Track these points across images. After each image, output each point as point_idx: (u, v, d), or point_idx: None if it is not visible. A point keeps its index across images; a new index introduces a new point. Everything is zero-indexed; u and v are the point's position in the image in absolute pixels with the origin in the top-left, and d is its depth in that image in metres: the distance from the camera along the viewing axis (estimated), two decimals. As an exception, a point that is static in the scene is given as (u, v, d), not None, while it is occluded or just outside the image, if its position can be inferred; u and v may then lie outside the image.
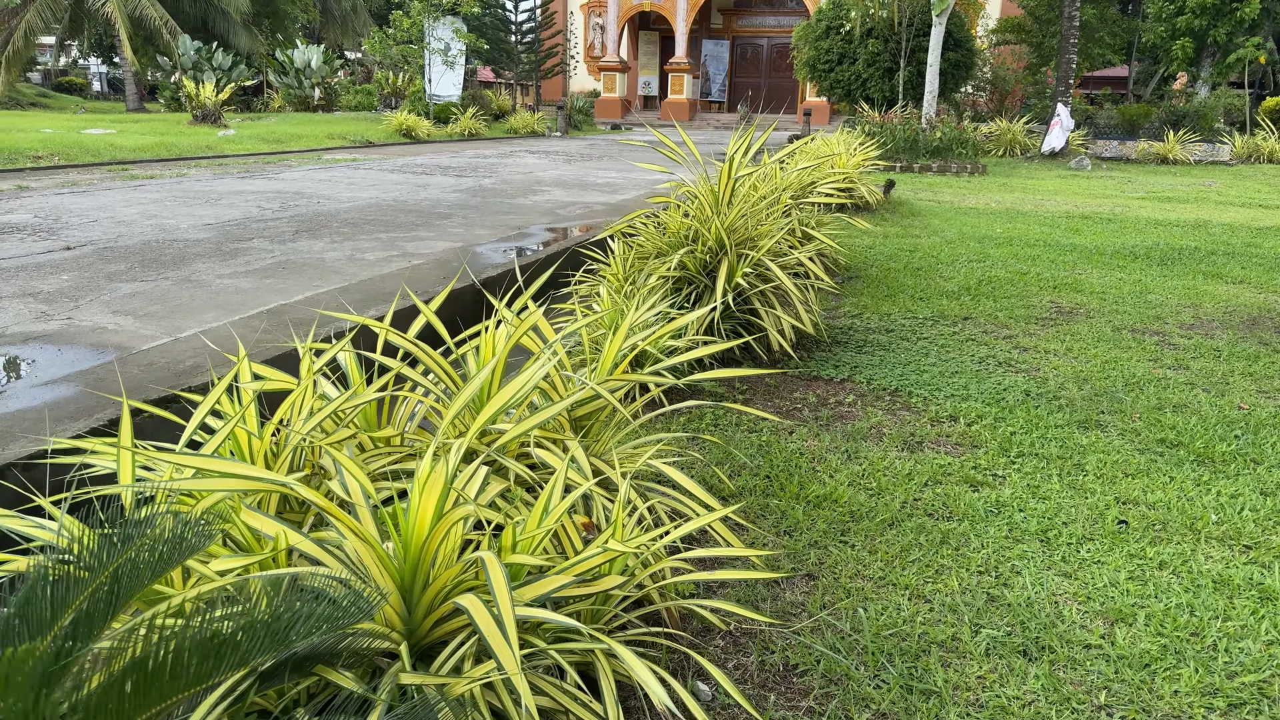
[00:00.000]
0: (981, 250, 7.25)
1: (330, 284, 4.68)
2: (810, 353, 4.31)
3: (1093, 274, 6.44)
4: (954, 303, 5.41)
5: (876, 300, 5.45)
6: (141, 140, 13.74)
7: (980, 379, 3.96)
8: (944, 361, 4.22)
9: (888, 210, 9.48)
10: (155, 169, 10.82)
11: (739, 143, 4.14)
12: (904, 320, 4.99)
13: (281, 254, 5.41)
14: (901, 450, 3.16)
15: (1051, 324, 5.00)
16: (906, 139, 14.99)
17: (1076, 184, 13.74)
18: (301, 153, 14.40)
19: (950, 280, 6.04)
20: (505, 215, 7.57)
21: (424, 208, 7.78)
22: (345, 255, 5.45)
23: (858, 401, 3.67)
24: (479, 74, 31.82)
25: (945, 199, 11.08)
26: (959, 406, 3.60)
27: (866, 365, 4.13)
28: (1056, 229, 8.67)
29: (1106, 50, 20.68)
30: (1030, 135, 19.64)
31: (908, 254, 6.97)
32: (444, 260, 5.44)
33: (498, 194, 9.13)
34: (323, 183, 9.50)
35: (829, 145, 9.31)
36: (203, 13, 32.32)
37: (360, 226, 6.57)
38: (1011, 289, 5.83)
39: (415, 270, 5.11)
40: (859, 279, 6.08)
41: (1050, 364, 4.25)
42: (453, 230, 6.62)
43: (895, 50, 18.85)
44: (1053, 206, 10.65)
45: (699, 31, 34.66)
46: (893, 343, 4.53)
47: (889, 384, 3.87)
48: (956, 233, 8.17)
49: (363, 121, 20.81)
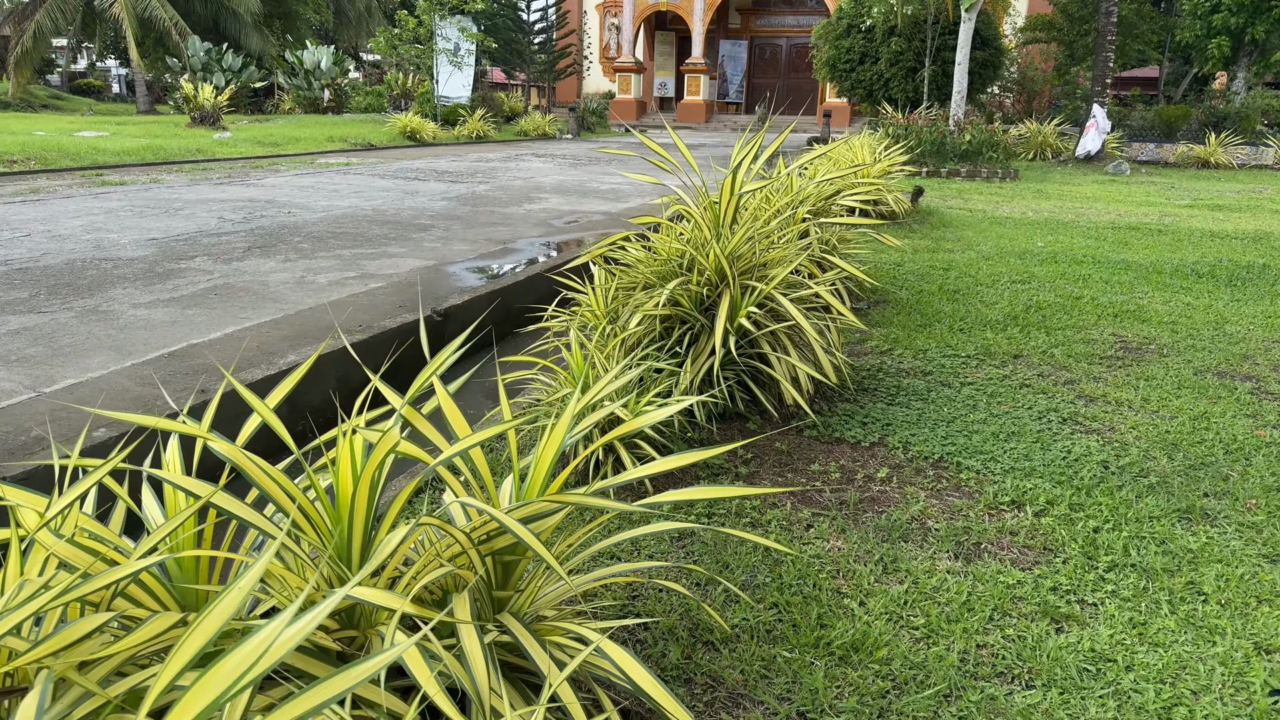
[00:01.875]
0: (1024, 268, 6.44)
1: (263, 315, 3.96)
2: (832, 404, 3.55)
3: (1155, 298, 5.62)
4: (1000, 335, 4.62)
5: (909, 331, 4.67)
6: (130, 143, 13.16)
7: (1044, 444, 3.18)
8: (996, 417, 3.45)
9: (916, 220, 8.68)
10: (133, 174, 10.20)
11: (746, 149, 3.38)
12: (943, 359, 4.21)
13: (221, 276, 4.71)
14: (955, 557, 2.40)
15: (1118, 364, 4.21)
16: (933, 142, 14.16)
17: (1116, 190, 12.86)
18: (296, 156, 13.77)
19: (993, 306, 5.25)
20: (492, 227, 6.86)
21: (404, 218, 7.07)
22: (294, 278, 4.74)
23: (892, 476, 2.91)
24: (491, 75, 31.25)
25: (977, 207, 10.25)
26: (1022, 486, 2.83)
27: (901, 422, 3.36)
28: (1104, 242, 7.85)
29: (1146, 47, 19.71)
30: (1062, 138, 18.73)
31: (941, 272, 6.18)
32: (406, 283, 4.72)
33: (490, 202, 8.42)
34: (303, 189, 8.82)
35: (852, 150, 8.53)
36: (214, 14, 31.97)
37: (324, 241, 5.87)
38: (1065, 317, 5.03)
39: (370, 296, 4.39)
40: (888, 303, 5.31)
41: (1126, 421, 3.46)
42: (428, 245, 5.90)
43: (919, 49, 18.01)
44: (1095, 216, 9.80)
45: (716, 32, 33.89)
46: (932, 389, 3.76)
47: (931, 450, 3.10)
48: (993, 247, 7.36)
49: (368, 124, 20.21)
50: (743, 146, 3.29)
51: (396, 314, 4.04)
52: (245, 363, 3.25)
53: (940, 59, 17.83)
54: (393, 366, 3.77)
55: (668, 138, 3.46)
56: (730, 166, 3.28)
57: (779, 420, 3.37)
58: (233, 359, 3.31)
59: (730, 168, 3.28)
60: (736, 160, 3.26)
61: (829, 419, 3.38)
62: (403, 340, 3.77)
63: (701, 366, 3.18)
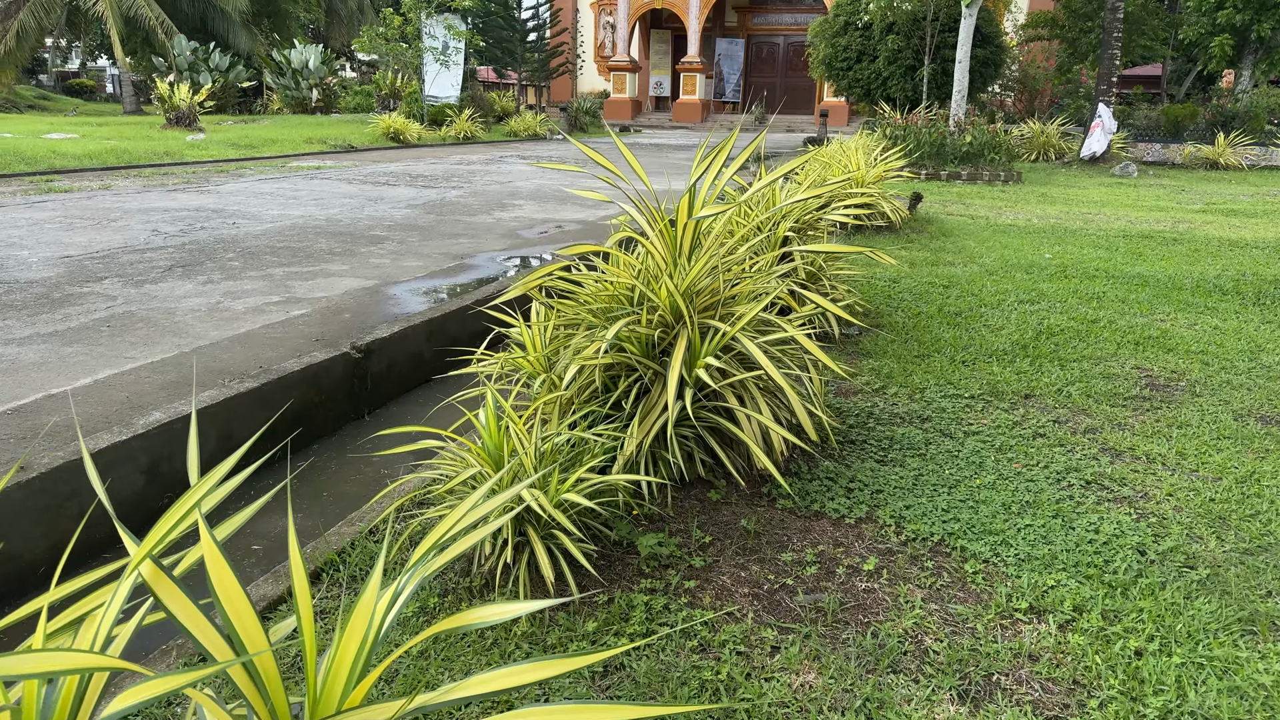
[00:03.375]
0: (1032, 285, 5.89)
1: (153, 353, 3.41)
2: (813, 462, 3.00)
3: (1179, 321, 5.07)
4: (1008, 369, 4.07)
5: (905, 364, 4.12)
6: (96, 146, 12.60)
7: (1065, 519, 2.63)
8: (1007, 480, 2.90)
9: (914, 229, 8.13)
10: (85, 180, 9.64)
11: (708, 160, 2.83)
12: (943, 400, 3.66)
13: (125, 303, 4.16)
14: (959, 698, 1.85)
15: (1145, 406, 3.65)
16: (933, 143, 13.60)
17: (1124, 194, 12.30)
18: (268, 160, 13.22)
19: (999, 331, 4.70)
20: (454, 239, 6.30)
21: (358, 229, 6.52)
22: (208, 304, 4.19)
23: (882, 568, 2.36)
24: (481, 75, 30.67)
25: (979, 213, 9.70)
26: (1042, 583, 2.28)
27: (894, 489, 2.81)
28: (1115, 253, 7.29)
29: (1152, 43, 19.13)
30: (1066, 138, 18.16)
31: (941, 291, 5.63)
32: (335, 309, 4.17)
33: (459, 210, 7.87)
34: (260, 197, 8.27)
35: (846, 154, 7.97)
36: (201, 12, 31.44)
37: (259, 257, 5.31)
38: (1080, 345, 4.48)
39: (286, 327, 3.84)
40: (882, 328, 4.76)
41: (1160, 484, 2.91)
42: (375, 261, 5.35)
43: (918, 47, 17.45)
44: (1104, 222, 9.25)
45: (712, 30, 33.32)
46: (930, 442, 3.21)
47: (929, 529, 2.55)
48: (998, 259, 6.81)
49: (351, 125, 19.65)
50: (701, 163, 2.73)
51: (310, 350, 3.49)
52: (103, 421, 2.70)
53: (940, 57, 17.27)
54: (308, 416, 3.23)
55: (660, 138, 2.94)
56: (689, 183, 2.73)
57: (749, 485, 2.82)
58: (95, 414, 2.76)
59: (689, 184, 2.73)
60: (696, 176, 2.71)
61: (807, 484, 2.82)
62: (308, 385, 3.21)
63: (653, 426, 2.63)
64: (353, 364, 3.46)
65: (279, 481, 3.02)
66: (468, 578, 2.20)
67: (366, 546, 2.34)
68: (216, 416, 2.82)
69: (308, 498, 2.88)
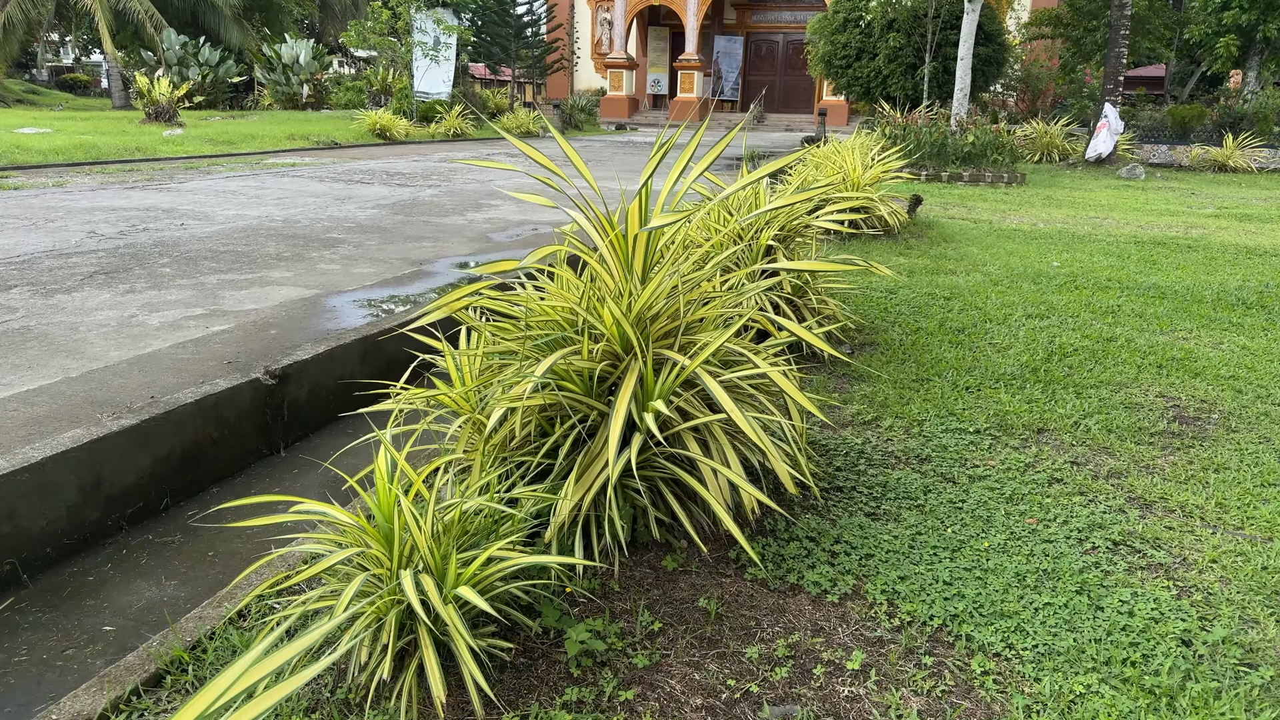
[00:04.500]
0: (1040, 297, 5.44)
1: (36, 378, 2.96)
2: (792, 516, 2.55)
3: (1202, 339, 4.62)
4: (1017, 396, 3.62)
5: (902, 389, 3.67)
6: (65, 141, 12.13)
7: (1092, 595, 2.18)
8: (1019, 541, 2.44)
9: (913, 234, 7.67)
10: (42, 176, 9.18)
11: (659, 159, 2.37)
12: (945, 435, 3.21)
13: (26, 315, 3.70)
14: None
15: (1175, 444, 3.20)
16: (933, 143, 13.13)
17: (1132, 197, 11.85)
18: (243, 156, 12.75)
19: (1006, 351, 4.25)
20: (416, 242, 5.85)
21: (315, 231, 6.06)
22: (121, 317, 3.73)
23: (870, 667, 1.91)
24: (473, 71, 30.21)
25: (982, 217, 9.24)
26: (1068, 689, 1.83)
27: (887, 552, 2.36)
28: (1128, 261, 6.84)
29: (1157, 44, 18.66)
30: (1070, 139, 17.71)
31: (942, 303, 5.18)
32: (262, 324, 3.72)
33: (430, 210, 7.41)
34: (220, 195, 7.80)
35: (841, 154, 7.53)
36: (192, 6, 31.01)
37: (196, 263, 4.86)
38: (1097, 369, 4.02)
39: (199, 346, 3.38)
40: (877, 347, 4.30)
41: (1202, 547, 2.46)
42: (324, 267, 4.90)
43: (919, 45, 16.99)
44: (1113, 227, 8.79)
45: (711, 27, 32.84)
46: (930, 489, 2.76)
47: (928, 610, 2.10)
48: (1003, 268, 6.36)
49: (338, 121, 19.18)
50: (656, 160, 2.27)
51: (220, 374, 3.04)
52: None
53: (941, 55, 16.82)
54: (203, 455, 2.78)
55: (654, 136, 2.50)
56: (640, 187, 2.27)
57: (714, 548, 2.36)
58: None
59: (640, 187, 2.27)
60: (646, 176, 2.25)
61: (784, 547, 2.37)
62: (204, 419, 2.76)
63: (594, 481, 2.18)
64: (264, 392, 3.00)
65: (166, 535, 2.57)
66: (343, 687, 1.75)
67: (228, 637, 1.89)
68: (80, 462, 2.37)
69: (189, 558, 2.43)
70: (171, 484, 2.68)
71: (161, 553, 2.45)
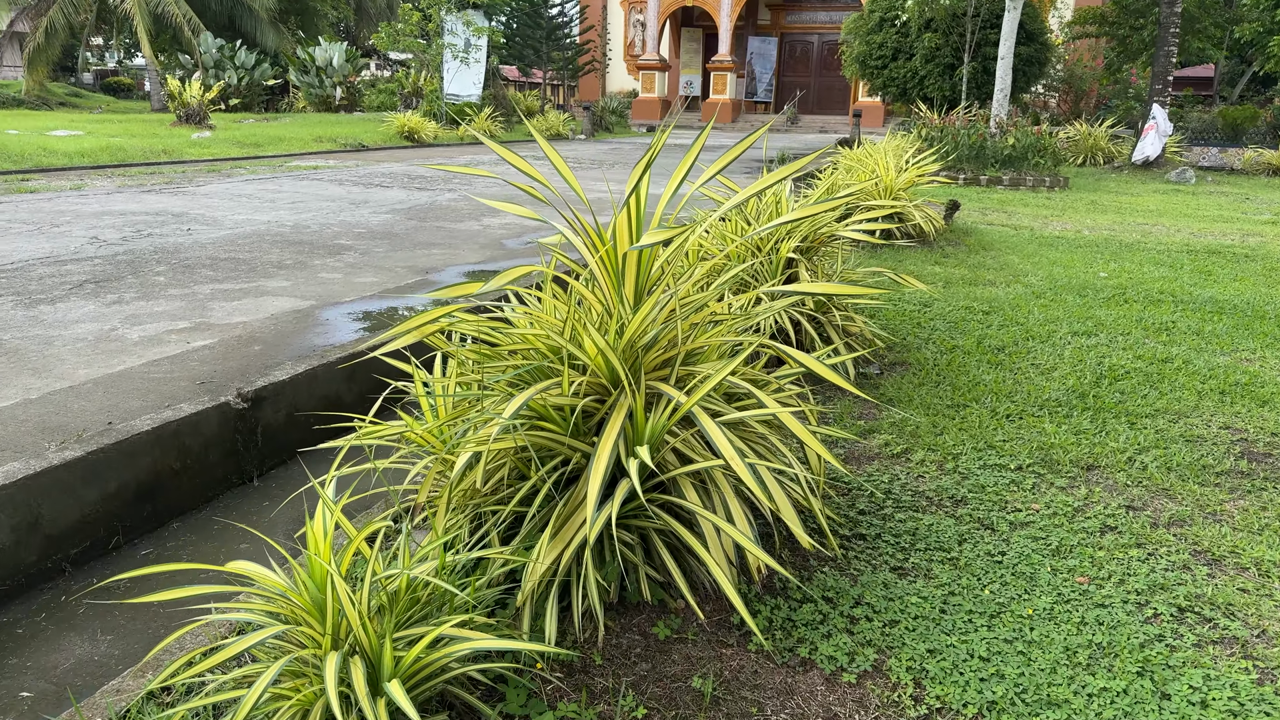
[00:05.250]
0: (1087, 312, 5.06)
1: (-11, 401, 2.75)
2: (807, 569, 2.25)
3: (1268, 361, 4.23)
4: (1063, 427, 3.28)
5: (935, 416, 3.35)
6: (92, 143, 12.14)
7: (1156, 680, 1.86)
8: (1068, 606, 2.12)
9: (950, 241, 7.30)
10: (63, 179, 9.13)
11: (645, 169, 2.09)
12: (982, 471, 2.88)
13: (2, 327, 3.51)
14: None
15: (1245, 486, 2.85)
16: (972, 145, 12.68)
17: (1182, 202, 11.31)
18: (268, 159, 12.69)
19: (1050, 374, 3.90)
20: (427, 249, 5.62)
21: (324, 237, 5.87)
22: (101, 330, 3.53)
23: (889, 769, 1.60)
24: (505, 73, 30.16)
25: (1023, 223, 8.83)
26: (1132, 809, 1.51)
27: (914, 617, 2.05)
28: (1180, 272, 6.42)
29: (1206, 43, 17.97)
30: (1115, 141, 17.10)
31: (981, 318, 4.83)
32: (247, 339, 3.49)
33: (445, 215, 7.19)
34: (235, 199, 7.66)
35: (874, 156, 7.18)
36: (229, 10, 31.36)
37: (193, 270, 4.67)
38: (1152, 394, 3.66)
39: (175, 364, 3.16)
40: (908, 366, 3.98)
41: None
42: (325, 276, 4.68)
43: (957, 44, 16.52)
44: (1163, 235, 8.33)
45: (745, 28, 32.46)
46: (965, 538, 2.44)
47: (961, 696, 1.79)
48: (1045, 279, 5.97)
49: (368, 123, 19.14)
50: (643, 166, 1.99)
51: (189, 396, 2.81)
52: None
53: (980, 55, 16.33)
54: (162, 487, 2.55)
55: (685, 138, 2.24)
56: (627, 195, 1.99)
57: (714, 610, 2.08)
58: None
59: (627, 196, 1.99)
60: (634, 182, 1.97)
61: (796, 611, 2.07)
62: (163, 448, 2.52)
63: (574, 536, 1.90)
64: (234, 417, 2.77)
65: (113, 579, 2.34)
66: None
67: (145, 716, 1.64)
68: (13, 500, 2.14)
69: (131, 608, 2.19)
70: (125, 520, 2.45)
71: (103, 600, 2.22)
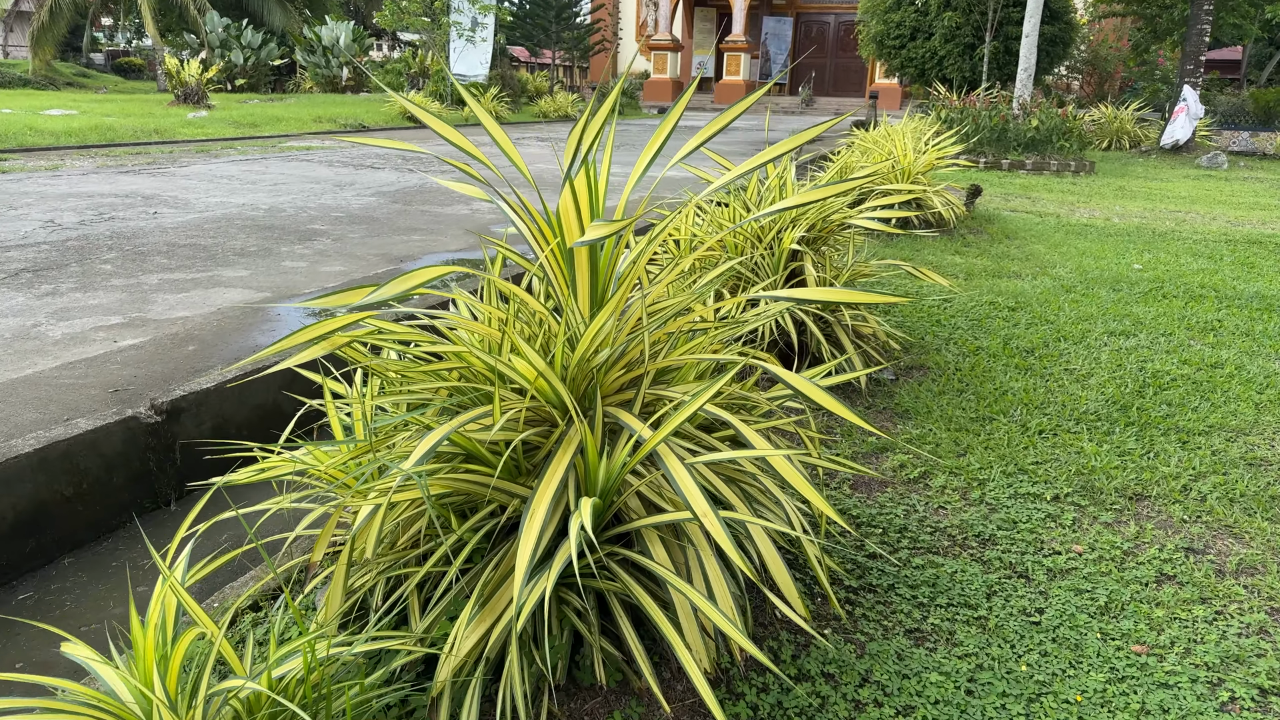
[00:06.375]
0: (1123, 308, 4.62)
1: None
2: (801, 636, 1.85)
3: (1331, 366, 3.78)
4: (1104, 446, 2.86)
5: (957, 431, 2.93)
6: (82, 123, 11.78)
7: (1247, 800, 1.45)
8: (1124, 686, 1.72)
9: (971, 228, 6.84)
10: (42, 159, 8.78)
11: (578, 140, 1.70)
12: (1012, 502, 2.47)
13: (-93, 324, 3.14)
14: None
15: (1324, 521, 2.42)
16: (994, 128, 12.15)
17: (1215, 188, 10.77)
18: (263, 139, 12.31)
19: (1087, 381, 3.47)
20: (405, 235, 5.22)
21: (298, 221, 5.48)
22: (22, 326, 3.16)
23: None
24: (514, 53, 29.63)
25: (1048, 210, 8.34)
26: None
27: (933, 703, 1.65)
28: (1221, 264, 5.95)
29: (1243, 21, 17.27)
30: (1142, 124, 16.49)
31: (1006, 315, 4.39)
32: (183, 338, 3.11)
33: (434, 198, 6.79)
34: (214, 180, 7.28)
35: (891, 138, 6.72)
36: (236, -12, 30.97)
37: (146, 258, 4.29)
38: (1204, 406, 3.23)
39: (90, 368, 2.78)
40: (925, 371, 3.56)
41: (1396, 701, 1.71)
42: (289, 264, 4.30)
43: (978, 23, 15.91)
44: (1198, 223, 7.84)
45: (759, 8, 31.80)
46: (996, 590, 2.03)
47: (994, 822, 1.39)
48: (1075, 270, 5.52)
49: (371, 104, 18.75)
50: (582, 131, 1.58)
51: (96, 407, 2.43)
52: None
53: (1002, 34, 15.72)
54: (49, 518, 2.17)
55: (696, 120, 1.86)
56: (566, 159, 1.59)
57: (680, 691, 1.68)
58: None
59: (566, 159, 1.59)
60: (573, 153, 1.57)
61: (785, 696, 1.67)
62: (49, 473, 2.15)
63: (505, 609, 1.51)
64: (144, 432, 2.39)
65: None
66: None
67: None
68: None
69: None
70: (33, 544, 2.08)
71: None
